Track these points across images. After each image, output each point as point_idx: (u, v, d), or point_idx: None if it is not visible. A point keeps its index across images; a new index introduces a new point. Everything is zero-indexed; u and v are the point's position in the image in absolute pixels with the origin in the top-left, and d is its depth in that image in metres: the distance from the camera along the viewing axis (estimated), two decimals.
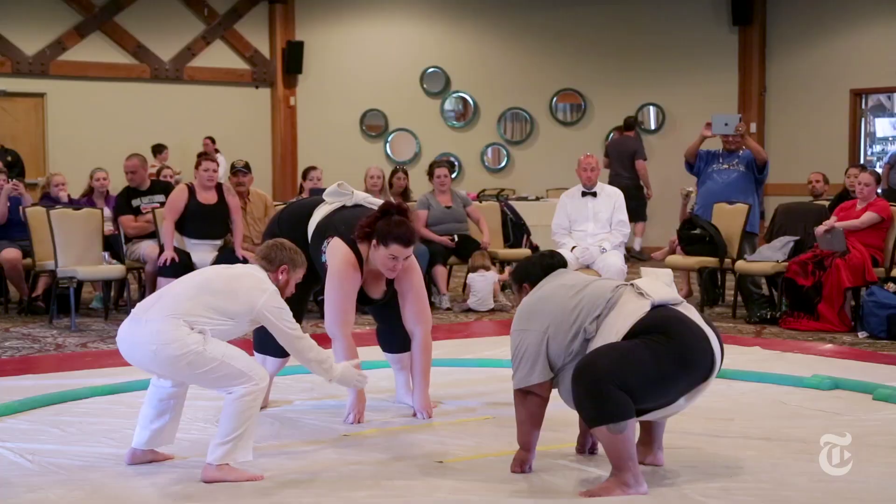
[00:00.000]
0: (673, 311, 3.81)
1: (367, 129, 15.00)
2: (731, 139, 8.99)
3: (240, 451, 3.89)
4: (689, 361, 3.73)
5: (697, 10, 14.77)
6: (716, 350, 3.82)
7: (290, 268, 4.18)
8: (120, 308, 8.89)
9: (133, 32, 13.88)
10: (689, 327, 3.77)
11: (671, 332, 3.72)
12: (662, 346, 3.68)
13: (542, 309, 3.89)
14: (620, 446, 3.61)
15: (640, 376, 3.64)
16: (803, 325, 7.78)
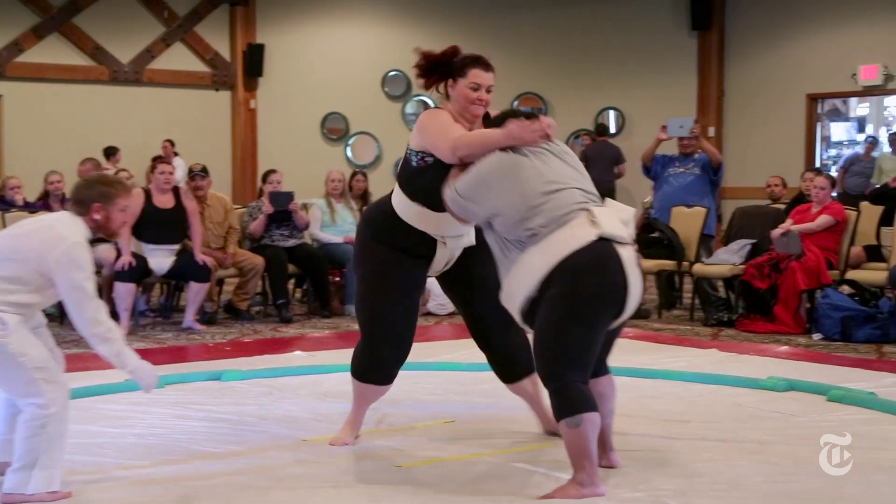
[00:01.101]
0: (610, 251, 3.69)
1: (328, 132, 14.97)
2: (686, 143, 9.09)
3: (35, 481, 3.55)
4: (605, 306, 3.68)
5: (657, 15, 14.87)
6: (630, 294, 3.71)
7: (105, 203, 3.72)
8: None
9: (91, 34, 13.76)
10: (612, 272, 3.67)
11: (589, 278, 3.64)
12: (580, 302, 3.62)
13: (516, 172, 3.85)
14: (578, 443, 3.61)
15: (580, 348, 3.64)
16: (759, 328, 7.85)
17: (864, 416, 4.83)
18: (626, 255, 3.72)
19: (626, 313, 3.75)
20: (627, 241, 3.77)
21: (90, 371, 6.12)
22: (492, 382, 4.90)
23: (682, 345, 7.23)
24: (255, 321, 8.62)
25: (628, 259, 3.72)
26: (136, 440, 4.50)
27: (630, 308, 3.75)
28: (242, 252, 8.77)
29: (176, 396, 5.37)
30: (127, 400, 5.26)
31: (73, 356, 6.80)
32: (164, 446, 4.40)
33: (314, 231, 9.18)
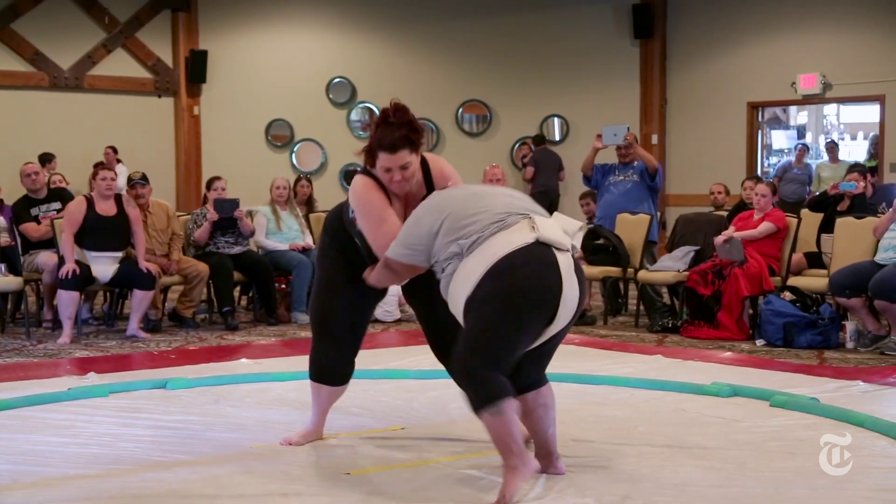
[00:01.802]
0: (547, 254, 3.72)
1: (272, 138, 14.90)
2: (624, 151, 9.19)
3: None
4: (535, 305, 3.67)
5: (600, 24, 14.99)
6: (564, 300, 3.70)
7: None
8: (17, 321, 8.68)
9: (31, 40, 13.58)
10: (545, 271, 3.68)
11: (529, 263, 3.66)
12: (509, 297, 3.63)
13: (443, 205, 3.86)
14: (502, 430, 3.63)
15: (501, 342, 3.64)
16: (703, 334, 7.93)
17: (807, 422, 4.89)
18: (563, 260, 3.74)
19: (559, 320, 3.74)
20: (566, 248, 3.79)
21: (32, 380, 6.06)
22: (440, 389, 4.91)
23: (627, 351, 7.29)
24: (201, 329, 8.55)
25: (565, 265, 3.73)
26: (79, 449, 4.43)
27: (564, 315, 3.74)
28: (187, 259, 8.70)
29: (121, 405, 5.31)
30: (70, 409, 5.19)
31: (15, 365, 6.72)
32: (109, 455, 4.34)
33: (259, 238, 9.13)
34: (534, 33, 15.13)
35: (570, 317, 3.78)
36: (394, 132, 3.99)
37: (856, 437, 4.54)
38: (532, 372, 3.93)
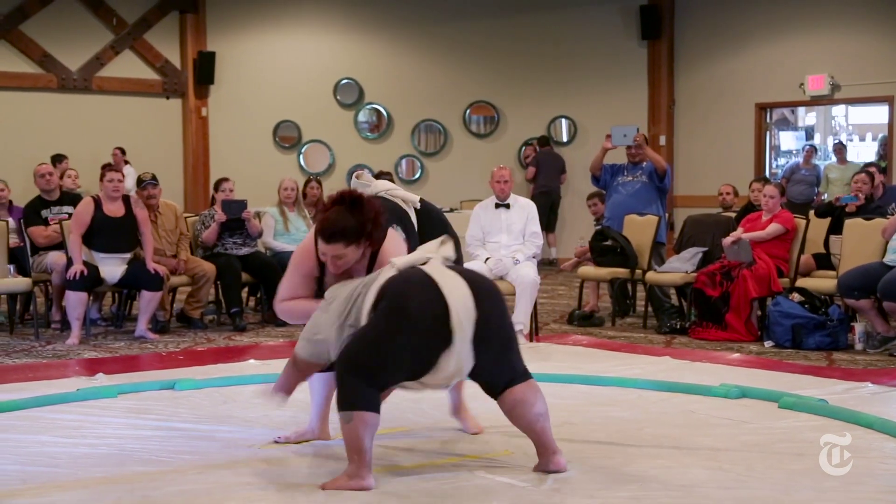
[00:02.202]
0: (410, 273, 3.81)
1: (280, 140, 14.92)
2: (633, 151, 9.16)
3: None
4: (409, 322, 3.72)
5: (608, 25, 14.98)
6: (449, 292, 3.73)
7: None
8: (26, 322, 8.70)
9: (39, 41, 13.61)
10: (408, 281, 3.78)
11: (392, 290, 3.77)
12: (383, 317, 3.74)
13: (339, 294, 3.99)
14: (349, 437, 3.77)
15: (371, 354, 3.73)
16: (711, 335, 7.92)
17: (816, 423, 4.88)
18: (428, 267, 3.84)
19: (459, 318, 3.72)
20: (427, 258, 3.88)
21: (41, 381, 6.07)
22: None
23: (635, 352, 7.28)
24: (209, 330, 8.56)
25: (431, 268, 3.82)
26: (88, 450, 4.45)
27: (459, 321, 3.71)
28: (194, 259, 8.71)
29: (129, 406, 5.33)
30: (79, 410, 5.20)
31: (24, 366, 6.74)
32: (117, 456, 4.35)
33: (267, 240, 9.13)
34: (541, 34, 15.12)
35: (470, 312, 3.74)
36: (337, 222, 4.03)
37: (864, 438, 4.55)
38: (496, 374, 3.95)
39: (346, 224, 4.02)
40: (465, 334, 3.74)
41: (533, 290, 7.59)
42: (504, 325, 3.92)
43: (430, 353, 3.75)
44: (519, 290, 7.56)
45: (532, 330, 7.76)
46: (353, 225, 4.03)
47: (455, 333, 3.72)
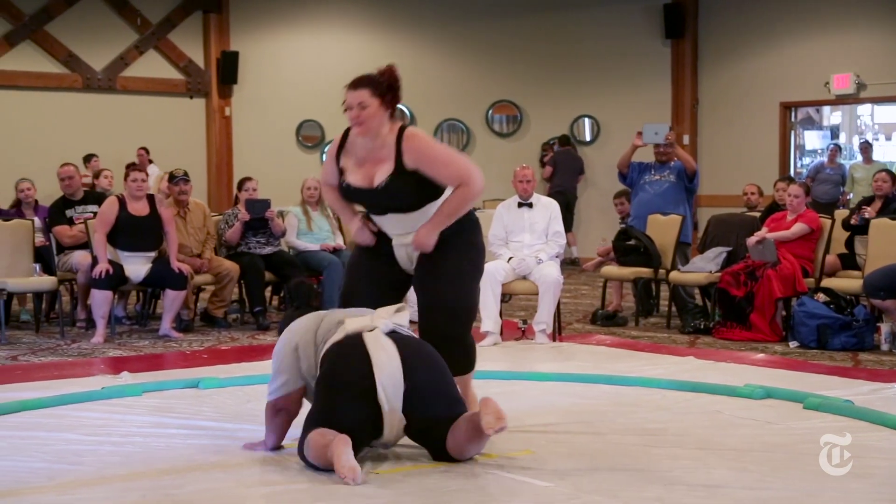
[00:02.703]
0: (350, 343, 4.08)
1: (303, 139, 14.95)
2: (662, 150, 9.10)
3: None
4: (338, 382, 4.03)
5: (631, 24, 14.94)
6: (379, 367, 3.98)
7: None
8: (51, 321, 8.75)
9: (64, 41, 13.70)
10: (344, 353, 4.07)
11: (331, 358, 4.10)
12: (321, 375, 4.10)
13: (290, 333, 4.30)
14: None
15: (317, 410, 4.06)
16: (736, 335, 7.88)
17: (841, 424, 4.84)
18: (369, 337, 4.06)
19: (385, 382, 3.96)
20: (374, 326, 4.12)
21: (66, 379, 6.11)
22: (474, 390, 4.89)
23: (659, 352, 7.26)
24: (233, 329, 8.59)
25: (370, 338, 4.05)
26: (113, 448, 4.47)
27: (388, 376, 3.97)
28: (218, 259, 8.74)
29: (154, 404, 5.35)
30: (104, 408, 5.23)
31: (49, 364, 6.78)
32: (141, 454, 4.37)
33: (290, 239, 9.16)
34: (564, 34, 15.10)
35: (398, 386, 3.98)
36: (364, 75, 4.45)
37: (890, 440, 4.51)
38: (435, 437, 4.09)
39: (371, 76, 4.46)
40: (394, 405, 4.00)
41: (556, 290, 7.57)
42: (438, 392, 4.11)
43: (365, 423, 4.01)
44: (542, 289, 7.55)
45: (555, 330, 7.75)
46: (378, 78, 4.46)
47: (383, 408, 3.99)
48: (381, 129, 4.43)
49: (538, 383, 5.98)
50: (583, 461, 4.21)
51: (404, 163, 4.39)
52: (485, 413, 3.95)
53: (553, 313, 7.64)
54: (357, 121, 4.40)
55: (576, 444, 4.50)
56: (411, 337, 4.23)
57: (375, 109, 4.38)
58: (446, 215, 4.46)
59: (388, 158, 4.41)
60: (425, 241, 4.45)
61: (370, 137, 4.44)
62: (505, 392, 5.72)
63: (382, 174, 4.41)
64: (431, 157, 4.43)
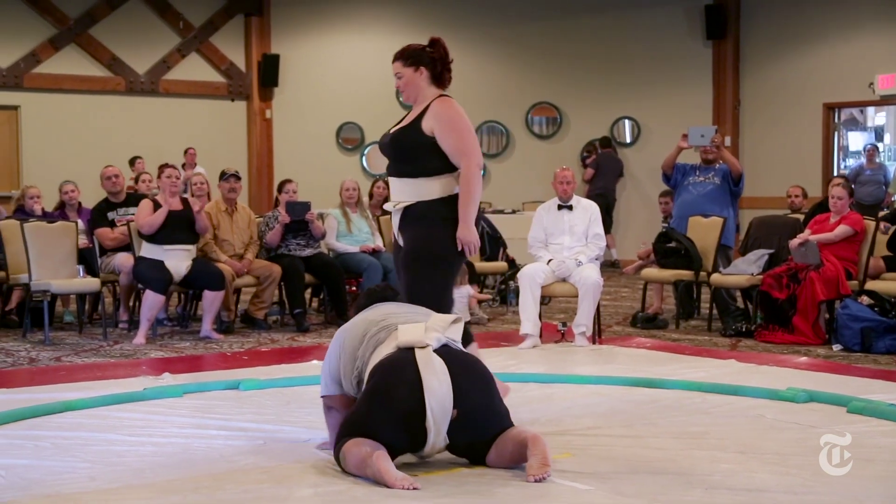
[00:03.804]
0: (402, 360, 4.00)
1: (343, 141, 15.00)
2: (707, 151, 9.02)
3: None
4: (386, 400, 3.96)
5: (672, 25, 14.87)
6: (429, 391, 3.92)
7: None
8: (94, 322, 8.83)
9: (108, 45, 13.84)
10: (395, 370, 3.99)
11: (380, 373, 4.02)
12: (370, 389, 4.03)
13: (341, 337, 4.31)
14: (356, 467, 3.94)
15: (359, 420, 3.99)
16: (778, 338, 7.81)
17: (886, 428, 4.79)
18: (421, 355, 3.99)
19: (435, 427, 3.91)
20: (426, 343, 4.04)
21: (108, 380, 6.16)
22: (510, 393, 4.89)
23: (700, 355, 7.20)
24: (273, 330, 8.63)
25: (423, 358, 3.98)
26: (154, 449, 4.50)
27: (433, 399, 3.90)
28: (258, 261, 8.79)
29: (194, 405, 5.38)
30: (145, 409, 5.27)
31: (92, 365, 6.84)
32: (182, 455, 4.40)
33: (330, 241, 9.19)
34: (604, 35, 15.05)
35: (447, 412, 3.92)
36: (400, 49, 4.95)
37: None
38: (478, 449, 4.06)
39: (405, 48, 4.96)
40: (440, 429, 3.96)
41: (596, 292, 7.54)
42: (487, 416, 4.07)
43: (407, 442, 4.00)
44: (582, 291, 7.52)
45: (595, 332, 7.71)
46: (408, 50, 4.93)
47: (429, 432, 3.95)
48: (422, 94, 4.87)
49: (578, 386, 5.96)
50: (623, 464, 4.18)
51: (423, 120, 4.75)
52: (532, 454, 3.93)
53: (593, 316, 7.60)
54: (399, 87, 4.93)
55: (616, 448, 4.47)
56: (462, 353, 4.17)
57: (410, 77, 4.87)
58: (467, 203, 4.74)
59: (414, 117, 4.81)
60: (470, 238, 4.74)
61: (413, 102, 4.91)
62: (544, 395, 5.71)
63: (403, 125, 4.82)
64: (446, 119, 4.75)
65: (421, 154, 4.72)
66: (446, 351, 4.09)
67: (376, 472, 3.80)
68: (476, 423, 4.03)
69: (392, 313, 4.32)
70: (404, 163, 4.77)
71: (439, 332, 4.13)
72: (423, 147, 4.72)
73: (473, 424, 4.02)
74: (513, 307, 9.50)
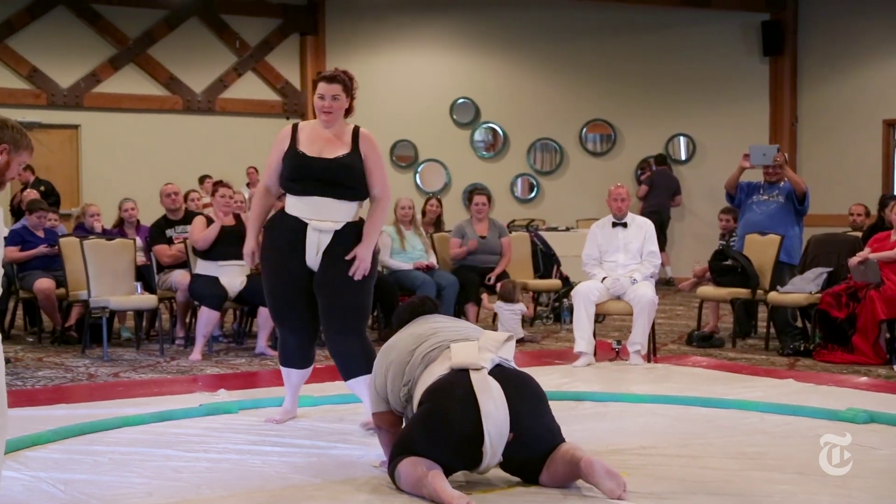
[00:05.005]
0: (457, 383, 3.98)
1: (397, 159, 15.06)
2: (771, 171, 8.93)
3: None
4: (443, 423, 3.95)
5: (728, 41, 14.77)
6: (487, 416, 3.89)
7: (12, 147, 3.55)
8: (152, 338, 8.93)
9: (166, 64, 14.03)
10: (452, 393, 3.96)
11: (437, 396, 4.01)
12: (425, 412, 4.02)
13: (388, 353, 4.34)
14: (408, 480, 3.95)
15: (414, 441, 3.99)
16: (837, 358, 7.70)
17: None
18: (476, 378, 3.97)
19: (490, 427, 3.88)
20: (480, 366, 4.01)
21: (165, 396, 6.22)
22: (562, 411, 4.86)
23: (757, 374, 7.12)
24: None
25: (479, 381, 3.95)
26: (210, 465, 4.53)
27: (491, 444, 3.87)
28: None
29: (249, 422, 5.42)
30: (201, 425, 5.31)
31: (150, 381, 6.91)
32: (237, 471, 4.42)
33: (384, 258, 9.21)
34: (659, 52, 14.98)
35: (503, 435, 3.90)
36: (335, 72, 5.21)
37: None
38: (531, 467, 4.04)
39: (344, 76, 5.22)
40: (496, 451, 3.94)
41: (651, 310, 7.49)
42: (541, 435, 4.04)
43: (462, 463, 4.00)
44: (636, 309, 7.47)
45: (650, 351, 7.65)
46: (348, 80, 5.22)
47: (485, 456, 3.94)
48: (339, 122, 5.23)
49: (633, 405, 5.92)
50: (678, 485, 4.14)
51: (360, 148, 5.16)
52: (603, 479, 3.85)
53: (648, 334, 7.55)
54: (327, 109, 5.15)
55: (671, 468, 4.43)
56: (515, 372, 4.16)
57: (342, 104, 5.19)
58: (373, 232, 5.17)
59: (345, 143, 5.17)
60: (366, 257, 5.10)
61: (330, 127, 5.18)
62: (599, 413, 5.68)
63: (340, 151, 5.13)
64: (378, 156, 5.24)
65: (360, 180, 5.15)
66: (500, 371, 4.07)
67: (432, 491, 3.79)
68: (529, 443, 4.01)
69: (440, 329, 4.33)
70: (347, 187, 5.12)
71: (492, 353, 4.11)
72: (361, 174, 5.15)
73: (527, 444, 4.01)
74: (567, 325, 9.45)
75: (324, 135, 5.19)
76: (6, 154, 3.52)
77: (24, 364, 7.66)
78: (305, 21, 14.72)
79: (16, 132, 3.56)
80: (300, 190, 5.13)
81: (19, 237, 8.90)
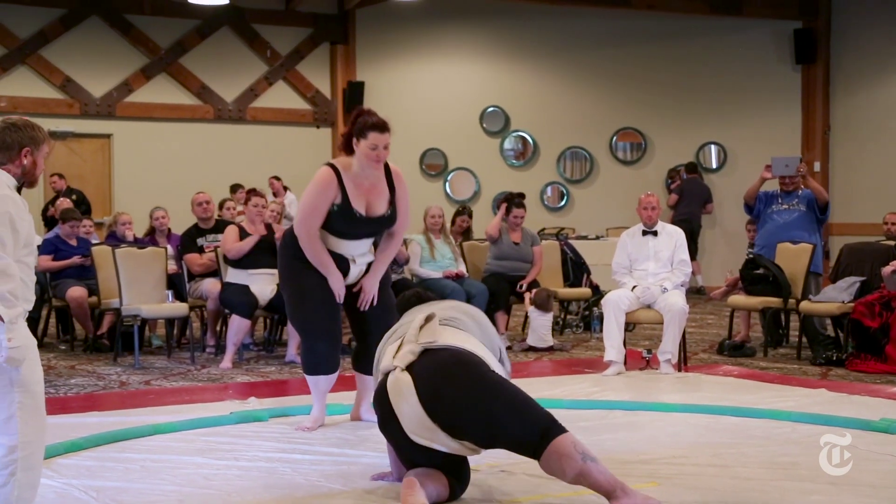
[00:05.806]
0: (381, 383, 4.10)
1: (426, 168, 15.07)
2: (789, 180, 8.89)
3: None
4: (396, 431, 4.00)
5: (760, 49, 14.70)
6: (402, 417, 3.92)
7: (33, 147, 3.54)
8: (182, 346, 8.97)
9: (197, 74, 14.12)
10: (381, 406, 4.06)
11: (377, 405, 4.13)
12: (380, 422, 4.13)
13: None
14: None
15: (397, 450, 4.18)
16: (870, 367, 7.64)
17: None
18: (390, 381, 4.00)
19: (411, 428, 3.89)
20: (394, 366, 4.02)
21: (196, 404, 6.24)
22: (592, 420, 4.84)
23: (789, 384, 7.06)
24: None
25: (392, 384, 3.98)
26: (240, 472, 4.54)
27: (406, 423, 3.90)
28: None
29: (280, 430, 5.43)
30: (231, 433, 5.33)
31: (181, 389, 6.95)
32: (267, 479, 4.44)
33: (414, 266, 9.22)
34: (690, 60, 14.93)
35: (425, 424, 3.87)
36: (379, 117, 5.18)
37: None
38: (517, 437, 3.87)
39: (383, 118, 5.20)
40: (445, 443, 3.89)
41: (681, 319, 7.45)
42: (481, 402, 3.86)
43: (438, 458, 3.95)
44: (667, 318, 7.43)
45: (680, 360, 7.61)
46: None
47: (436, 449, 3.91)
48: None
49: (663, 414, 5.88)
50: (710, 495, 4.11)
51: (396, 191, 5.37)
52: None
53: (678, 343, 7.51)
54: (380, 158, 5.21)
55: (703, 477, 4.40)
56: (444, 354, 4.00)
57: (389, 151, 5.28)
58: (383, 265, 5.47)
59: (384, 190, 5.33)
60: (373, 289, 5.41)
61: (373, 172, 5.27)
62: (629, 422, 5.65)
63: (384, 201, 5.32)
64: (405, 194, 5.45)
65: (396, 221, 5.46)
66: (429, 357, 3.99)
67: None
68: (469, 424, 3.86)
69: (402, 324, 4.37)
70: (385, 226, 5.45)
71: (412, 343, 4.07)
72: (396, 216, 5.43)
73: (468, 427, 3.86)
74: (597, 333, 9.42)
75: (365, 184, 5.30)
76: (30, 155, 3.56)
77: (57, 372, 7.72)
78: (336, 30, 14.77)
79: (30, 130, 3.57)
80: (348, 236, 5.37)
81: (52, 246, 8.98)
